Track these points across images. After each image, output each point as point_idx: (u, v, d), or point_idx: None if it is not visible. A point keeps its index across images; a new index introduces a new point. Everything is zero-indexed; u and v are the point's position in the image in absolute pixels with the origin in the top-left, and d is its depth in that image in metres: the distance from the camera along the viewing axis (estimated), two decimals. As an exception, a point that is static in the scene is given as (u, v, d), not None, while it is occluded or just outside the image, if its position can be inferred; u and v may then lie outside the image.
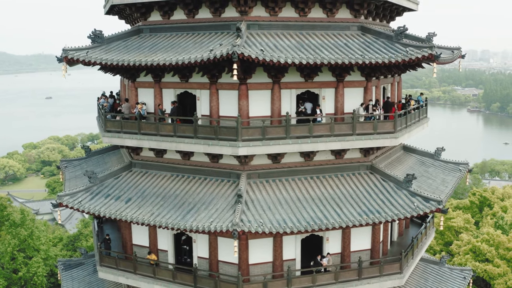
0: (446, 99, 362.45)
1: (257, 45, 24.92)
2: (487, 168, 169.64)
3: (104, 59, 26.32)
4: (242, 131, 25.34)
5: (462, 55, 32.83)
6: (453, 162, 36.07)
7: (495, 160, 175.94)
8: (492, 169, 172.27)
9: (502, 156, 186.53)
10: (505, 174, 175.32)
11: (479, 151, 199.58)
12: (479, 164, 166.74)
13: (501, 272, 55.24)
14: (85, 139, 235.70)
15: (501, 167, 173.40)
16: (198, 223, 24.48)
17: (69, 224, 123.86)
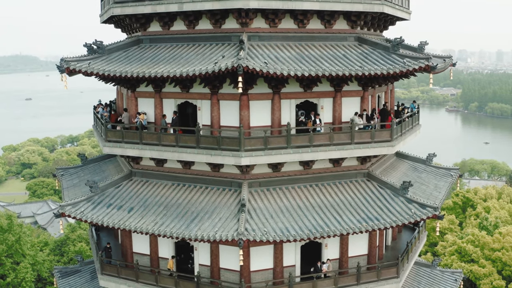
0: (424, 99, 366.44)
1: (259, 57, 25.43)
2: (467, 167, 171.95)
3: (106, 70, 26.58)
4: (244, 142, 25.81)
5: (453, 63, 33.66)
6: (444, 167, 36.97)
7: (475, 160, 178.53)
8: (472, 169, 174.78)
9: (481, 155, 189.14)
10: (484, 173, 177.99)
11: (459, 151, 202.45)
12: (459, 164, 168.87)
13: (486, 272, 56.63)
14: (65, 141, 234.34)
15: (480, 167, 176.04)
16: (203, 232, 24.90)
17: (52, 227, 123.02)
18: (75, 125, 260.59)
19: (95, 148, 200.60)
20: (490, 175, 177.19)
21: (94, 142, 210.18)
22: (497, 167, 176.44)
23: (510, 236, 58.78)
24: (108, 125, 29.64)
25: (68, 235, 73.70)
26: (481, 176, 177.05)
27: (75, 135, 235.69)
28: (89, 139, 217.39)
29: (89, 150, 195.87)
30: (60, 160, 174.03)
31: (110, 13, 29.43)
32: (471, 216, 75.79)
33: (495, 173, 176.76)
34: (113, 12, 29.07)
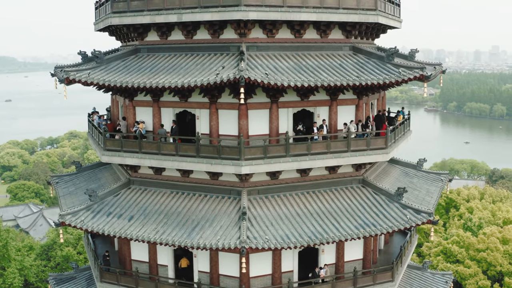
0: (403, 99, 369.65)
1: (259, 68, 25.90)
2: (447, 167, 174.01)
3: (107, 81, 26.83)
4: (244, 151, 26.25)
5: (443, 70, 34.43)
6: (434, 172, 37.80)
7: (455, 160, 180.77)
8: (452, 168, 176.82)
9: (461, 155, 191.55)
10: (464, 173, 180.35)
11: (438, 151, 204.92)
12: (439, 164, 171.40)
13: (472, 272, 57.65)
14: (45, 143, 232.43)
15: (460, 166, 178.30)
16: (205, 241, 25.29)
17: (34, 231, 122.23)
18: (55, 127, 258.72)
19: (76, 150, 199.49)
20: (470, 175, 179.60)
21: (74, 144, 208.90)
22: (476, 167, 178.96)
23: (494, 237, 59.93)
24: (107, 134, 29.83)
25: (54, 239, 73.41)
26: (461, 176, 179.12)
27: (55, 137, 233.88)
28: (69, 141, 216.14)
29: (69, 152, 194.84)
30: (40, 162, 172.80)
31: (108, 23, 29.62)
32: (455, 217, 77.05)
33: (475, 173, 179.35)
34: (111, 22, 29.27)
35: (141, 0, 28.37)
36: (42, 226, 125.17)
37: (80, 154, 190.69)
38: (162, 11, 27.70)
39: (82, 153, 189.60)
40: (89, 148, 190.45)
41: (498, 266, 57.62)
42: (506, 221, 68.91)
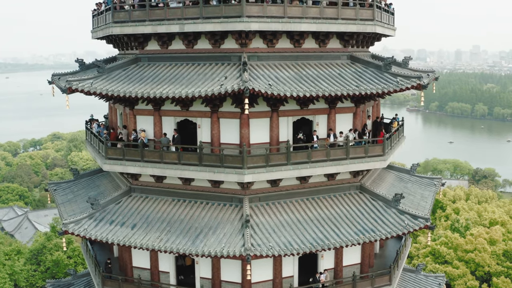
0: (385, 99, 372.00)
1: (261, 78, 26.36)
2: (430, 167, 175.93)
3: (110, 90, 27.07)
4: (247, 159, 26.70)
5: (436, 77, 35.21)
6: (427, 177, 38.59)
7: (438, 159, 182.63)
8: (435, 168, 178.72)
9: (443, 155, 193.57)
10: (447, 172, 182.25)
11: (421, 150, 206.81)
12: (422, 163, 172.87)
13: (460, 273, 58.66)
14: (28, 145, 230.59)
15: (443, 166, 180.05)
16: (210, 248, 25.70)
17: (19, 234, 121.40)
18: (38, 129, 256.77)
19: (59, 152, 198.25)
20: (453, 174, 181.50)
21: (58, 146, 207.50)
22: (459, 166, 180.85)
23: (482, 238, 61.08)
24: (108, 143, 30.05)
25: (44, 244, 73.18)
26: (444, 176, 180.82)
27: (37, 138, 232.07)
28: (53, 143, 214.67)
29: (53, 154, 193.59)
30: (24, 164, 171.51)
31: (109, 32, 29.87)
32: (441, 218, 78.22)
33: (458, 172, 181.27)
34: (112, 31, 29.54)
35: (142, 10, 28.70)
36: (27, 229, 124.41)
37: (64, 156, 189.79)
38: (164, 21, 28.03)
39: (66, 155, 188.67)
40: (73, 150, 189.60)
41: (486, 267, 58.75)
42: (493, 221, 70.14)
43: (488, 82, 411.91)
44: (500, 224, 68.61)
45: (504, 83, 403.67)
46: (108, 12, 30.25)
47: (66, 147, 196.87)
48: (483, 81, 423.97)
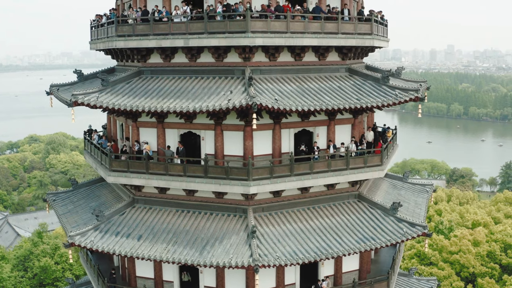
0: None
1: (266, 92, 27.05)
2: (408, 167, 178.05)
3: (116, 104, 27.45)
4: (252, 171, 27.36)
5: (428, 87, 36.30)
6: (419, 183, 39.70)
7: (415, 160, 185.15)
8: (413, 168, 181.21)
9: (421, 155, 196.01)
10: (424, 172, 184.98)
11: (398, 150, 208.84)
12: (400, 164, 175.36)
13: (446, 274, 60.05)
14: (4, 147, 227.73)
15: (421, 166, 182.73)
16: (218, 259, 26.31)
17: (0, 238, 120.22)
18: (14, 131, 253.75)
19: (37, 154, 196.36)
20: (431, 174, 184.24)
21: (35, 149, 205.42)
22: (436, 166, 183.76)
23: (466, 239, 62.57)
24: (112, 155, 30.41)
25: (30, 249, 72.92)
26: (422, 175, 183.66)
27: (14, 141, 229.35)
28: (30, 145, 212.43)
29: (30, 156, 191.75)
30: (1, 167, 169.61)
31: (112, 46, 30.26)
32: (424, 219, 79.58)
33: (435, 172, 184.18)
34: (116, 45, 29.94)
35: (146, 25, 29.13)
36: (7, 233, 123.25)
37: (42, 159, 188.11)
38: (169, 35, 28.51)
39: (44, 158, 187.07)
40: (51, 153, 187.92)
41: (470, 268, 60.25)
42: (476, 223, 71.80)
43: (463, 82, 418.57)
44: (483, 225, 70.28)
45: (479, 82, 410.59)
46: (111, 26, 30.60)
47: (44, 150, 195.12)
48: (458, 80, 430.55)
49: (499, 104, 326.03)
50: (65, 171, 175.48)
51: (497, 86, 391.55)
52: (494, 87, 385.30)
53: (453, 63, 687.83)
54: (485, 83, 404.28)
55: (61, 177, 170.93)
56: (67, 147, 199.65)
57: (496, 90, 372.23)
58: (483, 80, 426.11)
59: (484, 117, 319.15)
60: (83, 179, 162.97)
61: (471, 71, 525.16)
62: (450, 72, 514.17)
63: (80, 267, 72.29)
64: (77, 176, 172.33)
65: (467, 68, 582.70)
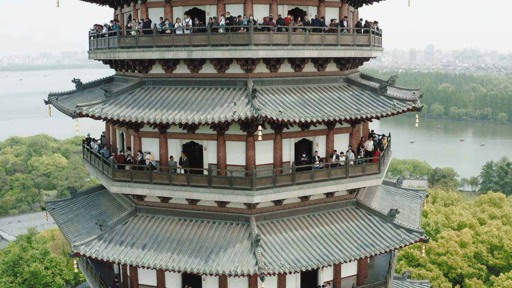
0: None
1: (269, 104, 27.65)
2: (390, 167, 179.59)
3: (121, 116, 27.83)
4: (256, 181, 27.94)
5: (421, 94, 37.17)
6: (412, 189, 40.71)
7: (397, 160, 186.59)
8: (395, 168, 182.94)
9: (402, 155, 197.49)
10: (406, 172, 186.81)
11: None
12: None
13: (434, 275, 61.18)
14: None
15: (403, 166, 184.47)
16: (223, 268, 26.85)
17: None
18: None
19: (19, 157, 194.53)
20: (413, 174, 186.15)
21: (17, 151, 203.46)
22: (418, 166, 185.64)
23: (453, 241, 63.77)
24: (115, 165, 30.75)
25: (20, 255, 72.65)
26: (404, 176, 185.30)
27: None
28: (11, 147, 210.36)
29: (12, 159, 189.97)
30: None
31: (115, 57, 30.60)
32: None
33: (417, 172, 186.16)
34: (118, 56, 30.28)
35: (149, 37, 29.54)
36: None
37: (24, 161, 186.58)
38: (172, 47, 28.94)
39: (26, 160, 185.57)
40: (33, 155, 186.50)
41: (458, 269, 61.47)
42: (461, 224, 73.13)
43: (443, 82, 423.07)
44: (469, 226, 71.64)
45: (458, 82, 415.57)
46: (113, 37, 30.92)
47: (26, 152, 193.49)
48: (438, 80, 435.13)
49: (479, 104, 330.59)
50: (47, 174, 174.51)
51: (477, 86, 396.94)
52: (474, 87, 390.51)
53: (433, 63, 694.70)
54: (464, 83, 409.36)
55: (44, 180, 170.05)
56: (49, 149, 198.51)
57: (476, 90, 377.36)
58: (463, 80, 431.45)
59: (464, 117, 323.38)
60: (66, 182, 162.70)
61: (450, 71, 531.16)
62: (430, 72, 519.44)
63: (70, 272, 72.30)
64: (59, 178, 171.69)
65: (446, 68, 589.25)
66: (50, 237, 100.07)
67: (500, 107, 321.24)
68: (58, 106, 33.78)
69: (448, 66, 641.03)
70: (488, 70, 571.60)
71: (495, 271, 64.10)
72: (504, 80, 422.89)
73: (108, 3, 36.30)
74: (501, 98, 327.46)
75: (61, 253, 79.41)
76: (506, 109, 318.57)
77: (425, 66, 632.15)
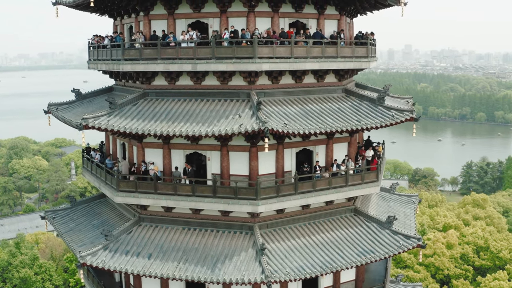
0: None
1: (273, 116, 28.35)
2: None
3: (128, 128, 28.27)
4: (260, 191, 28.63)
5: (414, 103, 38.24)
6: (405, 194, 41.68)
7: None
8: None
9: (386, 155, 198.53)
10: (387, 173, 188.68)
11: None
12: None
13: (421, 277, 62.48)
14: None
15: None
16: (230, 276, 27.49)
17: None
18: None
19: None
20: (393, 174, 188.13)
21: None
22: (399, 167, 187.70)
23: (440, 243, 65.09)
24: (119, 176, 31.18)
25: (9, 260, 72.41)
26: (385, 176, 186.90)
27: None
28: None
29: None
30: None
31: (119, 69, 30.91)
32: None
33: (398, 172, 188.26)
34: (123, 68, 30.65)
35: (153, 49, 30.03)
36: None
37: (4, 164, 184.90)
38: (176, 60, 29.45)
39: (7, 163, 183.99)
40: (13, 158, 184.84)
41: (445, 270, 62.83)
42: (447, 225, 74.59)
43: (422, 82, 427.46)
44: (454, 228, 73.11)
45: (437, 82, 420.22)
46: (117, 49, 31.28)
47: (6, 155, 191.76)
48: (417, 80, 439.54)
49: (457, 104, 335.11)
50: (28, 176, 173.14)
51: (455, 86, 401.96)
52: (452, 87, 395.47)
53: (411, 63, 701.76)
54: (443, 83, 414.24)
55: (25, 183, 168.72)
56: (30, 151, 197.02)
57: (454, 90, 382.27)
58: (441, 80, 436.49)
59: (443, 117, 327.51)
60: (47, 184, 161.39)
61: (428, 71, 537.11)
62: (409, 72, 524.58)
63: (60, 277, 72.26)
64: (41, 181, 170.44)
65: (424, 68, 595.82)
66: (34, 241, 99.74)
67: (478, 107, 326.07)
68: (60, 117, 34.10)
69: (426, 66, 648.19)
70: (466, 70, 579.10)
71: (482, 271, 65.65)
72: (482, 80, 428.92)
73: (108, 14, 36.66)
74: (479, 98, 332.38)
75: (49, 258, 79.23)
76: (485, 109, 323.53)
77: (403, 66, 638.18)
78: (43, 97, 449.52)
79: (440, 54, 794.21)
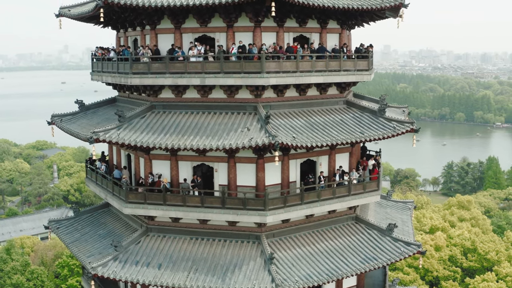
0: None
1: (281, 129, 29.22)
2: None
3: (138, 142, 28.90)
4: (268, 202, 29.47)
5: (409, 112, 39.35)
6: (401, 201, 42.87)
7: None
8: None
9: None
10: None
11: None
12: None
13: (411, 279, 63.77)
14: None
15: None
16: (241, 285, 28.28)
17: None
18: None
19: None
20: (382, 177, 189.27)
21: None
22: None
23: (428, 245, 66.47)
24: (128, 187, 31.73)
25: (0, 267, 72.24)
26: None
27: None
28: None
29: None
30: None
31: (127, 82, 31.38)
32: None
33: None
34: (131, 82, 31.16)
35: (162, 63, 30.67)
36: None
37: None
38: (185, 74, 30.14)
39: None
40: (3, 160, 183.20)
41: (434, 272, 64.23)
42: (434, 228, 76.07)
43: (401, 82, 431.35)
44: (441, 230, 74.65)
45: (416, 82, 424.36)
46: (124, 62, 31.79)
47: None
48: (396, 81, 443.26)
49: (437, 104, 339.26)
50: (10, 179, 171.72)
51: (434, 86, 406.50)
52: (432, 87, 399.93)
53: (390, 63, 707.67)
54: (422, 83, 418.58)
55: (8, 186, 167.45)
56: (11, 154, 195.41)
57: (433, 90, 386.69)
58: (420, 80, 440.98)
59: (423, 117, 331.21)
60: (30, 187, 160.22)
61: (407, 71, 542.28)
62: (388, 72, 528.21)
63: (51, 283, 72.29)
64: (23, 184, 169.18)
65: (403, 68, 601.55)
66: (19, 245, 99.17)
67: (457, 107, 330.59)
68: (65, 129, 34.58)
69: (405, 66, 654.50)
70: (445, 70, 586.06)
71: (470, 273, 67.21)
72: (461, 80, 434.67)
73: (112, 26, 37.17)
74: (459, 98, 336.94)
75: (39, 263, 79.13)
76: (464, 109, 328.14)
77: (382, 67, 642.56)
78: (23, 99, 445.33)
79: (418, 54, 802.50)
